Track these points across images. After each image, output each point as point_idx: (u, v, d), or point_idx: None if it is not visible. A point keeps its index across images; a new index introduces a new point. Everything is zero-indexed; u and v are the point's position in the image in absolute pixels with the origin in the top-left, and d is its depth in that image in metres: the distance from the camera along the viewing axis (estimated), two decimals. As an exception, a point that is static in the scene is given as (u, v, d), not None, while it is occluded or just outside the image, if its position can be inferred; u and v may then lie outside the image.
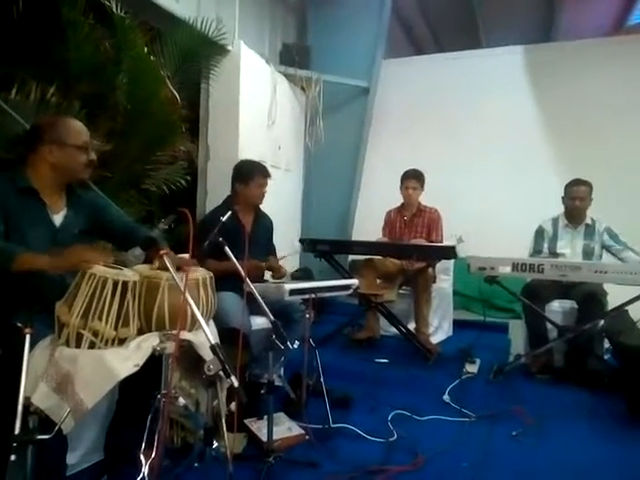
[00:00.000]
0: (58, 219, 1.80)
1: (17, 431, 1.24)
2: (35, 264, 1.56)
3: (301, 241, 3.89)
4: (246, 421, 2.24)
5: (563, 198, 3.42)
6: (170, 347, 1.53)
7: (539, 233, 3.47)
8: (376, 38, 5.08)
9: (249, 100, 4.01)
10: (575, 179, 3.38)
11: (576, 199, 3.32)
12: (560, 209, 3.48)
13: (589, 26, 6.16)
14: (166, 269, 1.49)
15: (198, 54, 3.26)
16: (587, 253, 3.30)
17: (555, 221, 3.46)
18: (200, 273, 1.79)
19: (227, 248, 2.02)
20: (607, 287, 3.24)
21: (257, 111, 4.20)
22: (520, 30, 6.52)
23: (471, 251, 3.36)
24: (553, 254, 3.34)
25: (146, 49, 2.79)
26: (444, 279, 4.16)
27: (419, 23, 6.87)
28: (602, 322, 3.07)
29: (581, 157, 4.79)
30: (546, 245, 3.42)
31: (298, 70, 4.76)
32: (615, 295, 3.12)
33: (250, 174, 2.74)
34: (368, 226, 4.68)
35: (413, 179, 3.83)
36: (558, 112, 5.13)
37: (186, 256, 1.73)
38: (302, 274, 4.75)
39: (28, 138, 1.81)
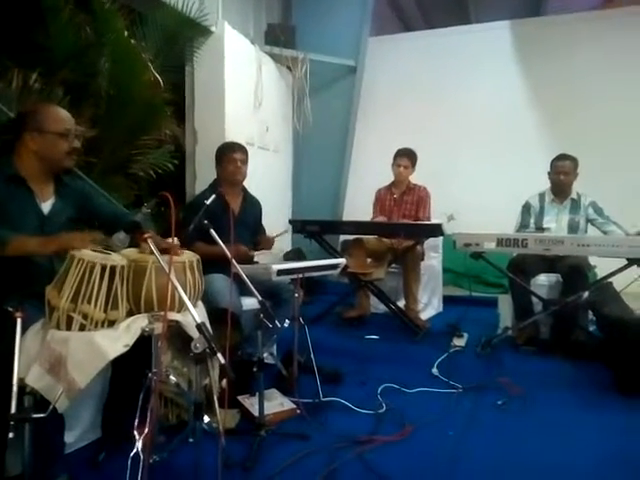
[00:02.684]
0: (46, 207, 1.82)
1: (13, 410, 1.28)
2: (27, 247, 1.59)
3: (291, 222, 3.93)
4: (239, 397, 2.31)
5: (549, 173, 3.47)
6: (158, 327, 1.57)
7: (526, 208, 3.53)
8: (362, 16, 5.04)
9: (235, 82, 3.99)
10: (560, 154, 3.42)
11: (561, 173, 3.36)
12: (548, 184, 3.53)
13: (578, 0, 6.12)
14: (152, 252, 1.52)
15: (180, 36, 3.23)
16: (572, 227, 3.36)
17: (542, 196, 3.51)
18: (186, 256, 1.83)
19: (212, 231, 2.05)
20: (596, 260, 3.31)
21: (243, 92, 4.18)
22: (509, 5, 6.48)
23: (463, 228, 3.41)
24: (539, 229, 3.40)
25: (127, 33, 2.76)
26: (433, 256, 4.22)
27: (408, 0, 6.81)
28: (587, 294, 3.14)
29: (570, 132, 4.83)
30: (532, 220, 3.47)
31: (284, 50, 4.72)
32: (604, 268, 3.18)
33: (220, 153, 2.84)
34: (359, 205, 4.72)
35: (405, 157, 3.87)
36: (548, 87, 5.14)
37: (175, 241, 1.77)
38: (294, 255, 4.80)
39: (14, 125, 1.82)
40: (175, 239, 1.75)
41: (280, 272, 2.32)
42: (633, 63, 4.78)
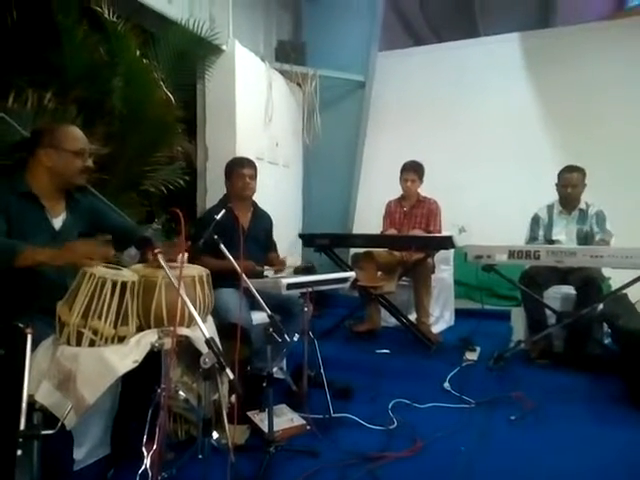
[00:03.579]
0: (57, 223, 1.86)
1: (22, 427, 1.29)
2: (37, 258, 1.60)
3: (300, 236, 3.94)
4: (249, 413, 2.30)
5: (557, 185, 3.44)
6: (168, 343, 1.58)
7: (534, 221, 3.50)
8: (371, 31, 5.10)
9: (245, 98, 4.05)
10: (567, 166, 3.40)
11: (568, 186, 3.34)
12: (557, 195, 3.50)
13: (588, 10, 6.13)
14: (161, 267, 1.54)
15: (192, 55, 3.30)
16: (581, 238, 3.33)
17: (550, 208, 3.48)
18: (196, 270, 1.84)
19: (222, 246, 2.07)
20: (610, 271, 3.25)
21: (254, 109, 4.23)
22: (519, 17, 6.52)
23: (474, 241, 3.39)
24: (549, 241, 3.36)
25: (139, 52, 2.82)
26: (444, 269, 4.19)
27: (416, 14, 6.89)
28: (601, 306, 3.09)
29: (581, 143, 4.79)
30: (541, 232, 3.44)
31: (294, 66, 4.78)
32: (618, 280, 3.14)
33: (229, 168, 2.87)
34: (369, 218, 4.72)
35: (411, 171, 3.87)
36: (558, 98, 5.11)
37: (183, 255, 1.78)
38: (305, 269, 4.79)
39: (29, 142, 1.87)
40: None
41: (290, 286, 2.33)
42: (643, 73, 4.75)
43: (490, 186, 5.20)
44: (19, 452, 1.26)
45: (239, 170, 2.82)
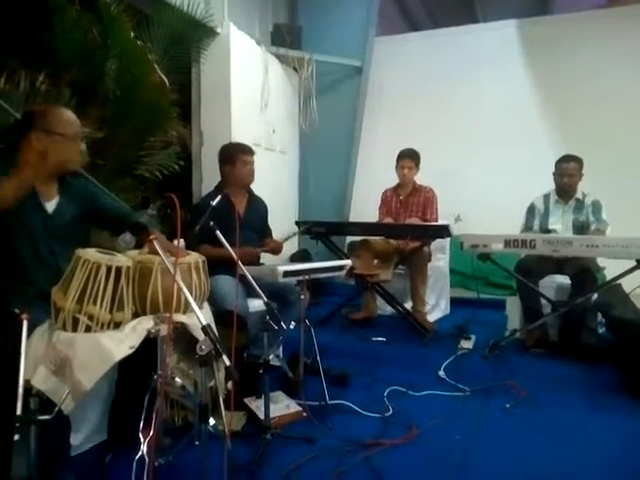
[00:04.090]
0: (50, 206, 1.83)
1: (19, 412, 1.28)
2: (8, 187, 1.62)
3: (297, 223, 3.92)
4: (246, 400, 2.30)
5: (554, 174, 3.43)
6: (164, 329, 1.57)
7: (530, 210, 3.50)
8: (368, 16, 5.04)
9: (241, 83, 3.99)
10: (565, 155, 3.38)
11: (565, 176, 3.33)
12: (554, 185, 3.49)
13: (585, -2, 6.08)
14: (156, 253, 1.52)
15: (186, 37, 3.24)
16: (577, 227, 3.32)
17: (546, 197, 3.47)
18: (192, 257, 1.82)
19: (218, 232, 2.04)
20: (605, 261, 3.26)
21: (249, 94, 4.18)
22: (516, 3, 6.45)
23: (470, 229, 3.38)
24: (545, 230, 3.36)
25: (133, 34, 2.77)
26: (440, 258, 4.19)
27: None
28: (595, 296, 3.11)
29: (578, 131, 4.79)
30: (537, 222, 3.44)
31: (290, 51, 4.72)
32: (612, 270, 3.14)
33: (234, 154, 2.81)
34: (366, 206, 4.71)
35: (408, 158, 3.84)
36: (555, 86, 5.10)
37: (181, 243, 1.76)
38: (300, 256, 4.80)
39: (20, 125, 1.83)
40: (181, 240, 1.75)
41: (286, 274, 2.31)
42: (640, 61, 4.74)
43: (487, 174, 5.19)
44: (16, 437, 1.25)
45: (244, 157, 2.78)
